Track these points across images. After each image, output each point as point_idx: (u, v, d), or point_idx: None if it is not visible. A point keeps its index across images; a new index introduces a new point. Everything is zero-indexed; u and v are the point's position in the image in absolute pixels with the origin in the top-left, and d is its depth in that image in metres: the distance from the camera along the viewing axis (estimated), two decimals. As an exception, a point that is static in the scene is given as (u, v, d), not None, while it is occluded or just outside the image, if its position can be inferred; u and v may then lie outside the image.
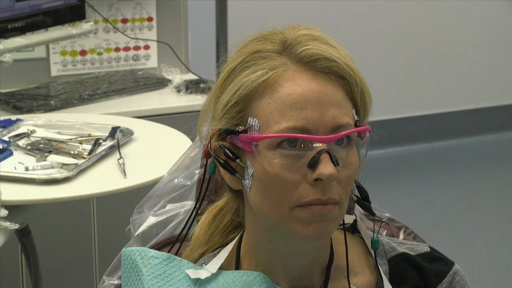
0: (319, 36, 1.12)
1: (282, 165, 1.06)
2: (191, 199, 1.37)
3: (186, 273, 1.16)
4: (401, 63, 4.76)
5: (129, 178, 2.05)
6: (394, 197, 4.17)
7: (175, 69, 3.13)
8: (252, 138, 1.08)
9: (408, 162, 4.70)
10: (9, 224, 1.84)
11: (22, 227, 2.23)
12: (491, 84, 5.00)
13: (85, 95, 2.83)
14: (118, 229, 1.68)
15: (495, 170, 4.59)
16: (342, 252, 1.18)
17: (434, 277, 1.20)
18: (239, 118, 1.10)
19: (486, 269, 3.53)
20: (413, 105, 4.87)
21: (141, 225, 1.36)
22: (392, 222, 1.36)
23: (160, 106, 2.86)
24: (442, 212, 4.06)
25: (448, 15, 4.79)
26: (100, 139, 2.25)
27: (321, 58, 1.09)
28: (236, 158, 1.11)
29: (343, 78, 1.09)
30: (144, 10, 3.15)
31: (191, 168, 1.39)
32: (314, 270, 1.16)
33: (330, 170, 1.05)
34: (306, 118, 1.06)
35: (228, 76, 1.12)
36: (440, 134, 4.92)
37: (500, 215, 4.04)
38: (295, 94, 1.07)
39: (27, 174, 2.03)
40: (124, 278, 1.19)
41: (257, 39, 1.13)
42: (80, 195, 2.00)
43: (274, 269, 1.15)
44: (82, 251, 2.74)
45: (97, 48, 3.11)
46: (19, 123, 2.39)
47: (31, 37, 2.66)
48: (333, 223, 1.09)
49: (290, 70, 1.09)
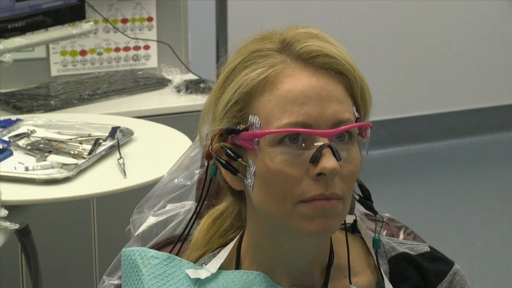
0: (318, 34, 1.12)
1: (284, 161, 1.06)
2: (191, 199, 1.37)
3: (186, 273, 1.16)
4: (401, 63, 4.76)
5: (129, 178, 2.05)
6: (394, 197, 4.17)
7: (175, 69, 3.13)
8: (253, 135, 1.08)
9: (408, 162, 4.70)
10: (9, 224, 1.84)
11: (22, 227, 2.23)
12: (491, 84, 5.00)
13: (85, 95, 2.83)
14: (118, 229, 1.68)
15: (495, 170, 4.59)
16: (342, 252, 1.18)
17: (434, 277, 1.20)
18: (240, 117, 1.10)
19: (486, 269, 3.53)
20: (413, 105, 4.87)
21: (141, 225, 1.36)
22: (392, 222, 1.36)
23: (160, 106, 2.86)
24: (442, 212, 4.06)
25: (448, 15, 4.79)
26: (100, 139, 2.25)
27: (321, 55, 1.09)
28: (238, 158, 1.11)
29: (342, 75, 1.09)
30: (144, 10, 3.15)
31: (191, 168, 1.39)
32: (315, 269, 1.16)
33: (333, 164, 1.05)
34: (307, 113, 1.06)
35: (228, 77, 1.13)
36: (440, 134, 4.92)
37: (500, 215, 4.04)
38: (295, 90, 1.07)
39: (27, 174, 2.03)
40: (124, 278, 1.19)
41: (256, 39, 1.14)
42: (80, 195, 2.00)
43: (275, 268, 1.15)
44: (82, 251, 2.74)
45: (97, 48, 3.11)
46: (19, 123, 2.39)
47: (31, 37, 2.66)
48: (337, 219, 1.09)
49: (290, 67, 1.09)
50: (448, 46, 4.84)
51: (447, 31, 4.81)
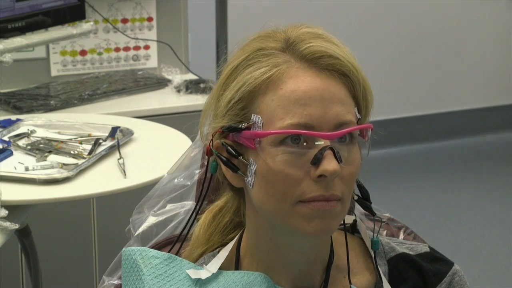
0: (322, 34, 1.12)
1: (286, 161, 1.07)
2: (191, 199, 1.37)
3: (187, 273, 1.16)
4: (401, 63, 4.76)
5: (129, 178, 2.05)
6: (394, 197, 4.17)
7: (175, 69, 3.13)
8: (255, 135, 1.08)
9: (408, 162, 4.70)
10: (9, 224, 1.84)
11: (22, 227, 2.23)
12: (491, 84, 5.00)
13: (85, 95, 2.83)
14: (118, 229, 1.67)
15: (495, 170, 4.59)
16: (341, 252, 1.18)
17: (433, 277, 1.20)
18: (242, 115, 1.10)
19: (486, 269, 3.53)
20: (413, 105, 4.87)
21: (141, 225, 1.36)
22: (392, 222, 1.36)
23: (160, 106, 2.86)
24: (442, 212, 4.06)
25: (448, 15, 4.79)
26: (100, 139, 2.25)
27: (325, 56, 1.09)
28: (239, 156, 1.11)
29: (346, 76, 1.10)
30: (144, 10, 3.15)
31: (191, 168, 1.39)
32: (315, 269, 1.16)
33: (334, 166, 1.05)
34: (309, 115, 1.06)
35: (231, 74, 1.13)
36: (440, 134, 4.92)
37: (500, 215, 4.04)
38: (298, 91, 1.07)
39: (27, 174, 2.03)
40: (125, 278, 1.19)
41: (260, 37, 1.14)
42: (80, 195, 2.00)
43: (275, 268, 1.15)
44: (82, 251, 2.74)
45: (97, 48, 3.11)
46: (19, 123, 2.39)
47: (31, 37, 2.66)
48: (335, 219, 1.09)
49: (294, 67, 1.09)
50: (448, 46, 4.84)
51: (447, 31, 4.81)
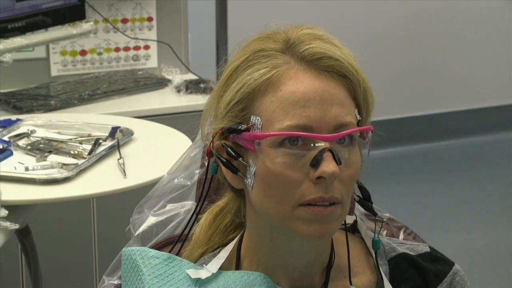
0: (322, 35, 1.12)
1: (285, 163, 1.06)
2: (191, 199, 1.37)
3: (187, 273, 1.16)
4: (401, 63, 4.76)
5: (129, 178, 2.05)
6: (394, 197, 4.17)
7: (175, 69, 3.13)
8: (255, 137, 1.08)
9: (408, 162, 4.70)
10: (9, 224, 1.84)
11: (22, 227, 2.23)
12: (491, 84, 5.00)
13: (85, 95, 2.83)
14: (118, 229, 1.68)
15: (495, 170, 4.59)
16: (342, 252, 1.18)
17: (434, 277, 1.20)
18: (241, 116, 1.10)
19: (486, 269, 3.53)
20: (413, 105, 4.87)
21: (141, 225, 1.36)
22: (392, 222, 1.36)
23: (160, 106, 2.86)
24: (442, 212, 4.06)
25: (448, 15, 4.79)
26: (100, 139, 2.25)
27: (324, 57, 1.09)
28: (239, 157, 1.11)
29: (346, 77, 1.09)
30: (144, 10, 3.14)
31: (191, 168, 1.39)
32: (315, 270, 1.16)
33: (333, 168, 1.05)
34: (309, 116, 1.06)
35: (231, 75, 1.12)
36: (440, 134, 4.92)
37: (500, 215, 4.03)
38: (298, 92, 1.07)
39: (27, 174, 2.03)
40: (124, 278, 1.19)
41: (260, 38, 1.13)
42: (80, 195, 2.00)
43: (275, 269, 1.15)
44: (82, 251, 2.74)
45: (97, 48, 3.11)
46: (19, 123, 2.39)
47: (31, 37, 2.66)
48: (335, 223, 1.09)
49: (293, 68, 1.09)
50: (448, 46, 4.84)
51: (447, 32, 4.81)
